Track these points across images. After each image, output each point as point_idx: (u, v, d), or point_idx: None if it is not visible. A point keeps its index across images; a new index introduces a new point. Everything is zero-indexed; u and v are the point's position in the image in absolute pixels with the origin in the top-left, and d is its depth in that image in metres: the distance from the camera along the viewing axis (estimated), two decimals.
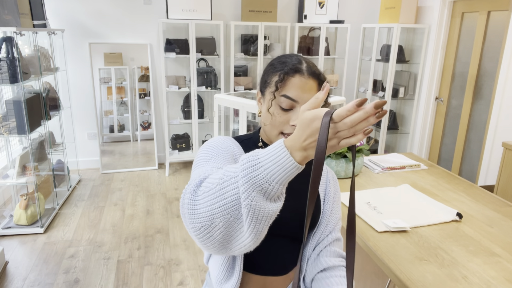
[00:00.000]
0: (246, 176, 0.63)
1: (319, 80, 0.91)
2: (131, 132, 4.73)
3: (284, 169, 0.63)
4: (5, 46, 2.81)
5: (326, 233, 0.98)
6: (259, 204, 0.64)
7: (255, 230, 0.66)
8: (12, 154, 3.43)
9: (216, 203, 0.66)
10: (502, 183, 2.63)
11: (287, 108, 0.88)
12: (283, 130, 0.90)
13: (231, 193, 0.66)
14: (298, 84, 0.87)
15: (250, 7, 4.20)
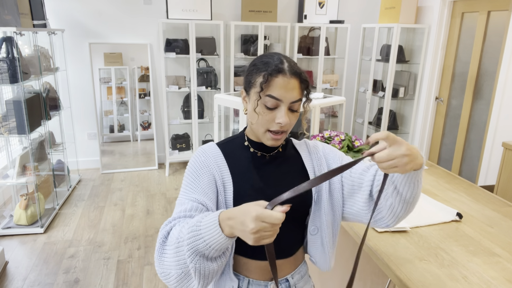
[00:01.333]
0: (190, 245, 0.79)
1: (300, 78, 0.96)
2: (131, 132, 4.73)
3: (217, 241, 0.78)
4: (5, 46, 2.81)
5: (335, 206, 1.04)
6: (203, 265, 0.80)
7: (204, 283, 0.83)
8: (12, 154, 3.43)
9: (172, 258, 0.82)
10: (502, 183, 2.63)
11: (272, 107, 0.94)
12: (269, 128, 0.96)
13: (182, 254, 0.81)
14: (282, 84, 0.93)
15: (250, 7, 4.20)
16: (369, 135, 4.92)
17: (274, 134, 0.97)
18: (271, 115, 0.95)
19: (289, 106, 0.95)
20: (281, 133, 0.97)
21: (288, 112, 0.95)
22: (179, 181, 4.20)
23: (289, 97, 0.94)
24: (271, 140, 0.98)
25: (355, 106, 4.96)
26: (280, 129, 0.96)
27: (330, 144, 1.72)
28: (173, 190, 3.96)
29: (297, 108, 0.97)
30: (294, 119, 0.97)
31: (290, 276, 1.03)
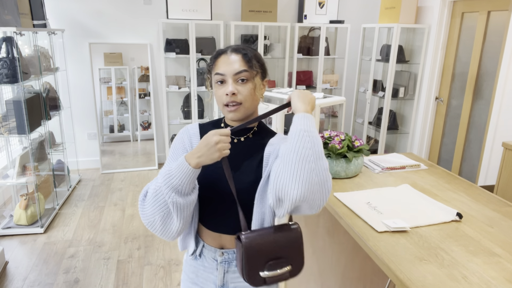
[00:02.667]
0: (166, 185, 0.99)
1: (242, 53, 1.09)
2: (131, 132, 4.73)
3: (186, 174, 0.98)
4: (5, 46, 2.81)
5: None
6: (178, 200, 0.99)
7: (181, 217, 1.03)
8: (12, 154, 3.43)
9: (153, 206, 1.02)
10: (502, 183, 2.63)
11: (221, 82, 1.10)
12: (224, 102, 1.10)
13: (161, 198, 1.01)
14: (223, 61, 1.10)
15: (250, 7, 4.20)
16: (369, 135, 4.92)
17: (228, 107, 1.09)
18: (222, 90, 1.09)
19: (235, 78, 1.08)
20: (235, 105, 1.09)
21: (235, 83, 1.08)
22: None
23: (231, 69, 1.08)
24: (229, 113, 1.10)
25: (355, 106, 4.96)
26: (231, 100, 1.08)
27: (330, 145, 1.72)
28: None
29: (246, 77, 1.08)
30: (244, 90, 1.08)
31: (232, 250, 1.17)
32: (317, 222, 2.07)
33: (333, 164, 1.71)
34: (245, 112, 1.11)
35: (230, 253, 1.16)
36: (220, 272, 1.17)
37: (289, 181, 0.96)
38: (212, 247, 1.17)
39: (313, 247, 2.10)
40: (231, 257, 1.16)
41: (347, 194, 1.57)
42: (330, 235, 2.12)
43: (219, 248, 1.17)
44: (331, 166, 1.72)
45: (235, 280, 1.18)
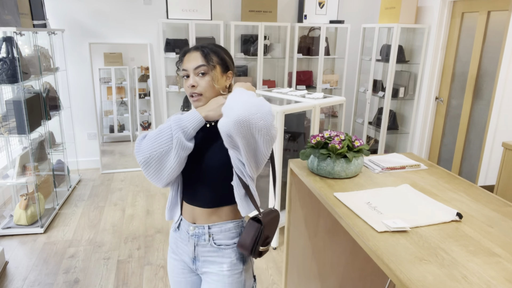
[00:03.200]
0: (176, 124, 1.19)
1: (201, 50, 1.26)
2: (131, 132, 4.73)
3: (195, 120, 1.20)
4: (5, 46, 2.81)
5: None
6: (182, 139, 1.18)
7: (177, 156, 1.19)
8: (12, 154, 3.43)
9: (155, 143, 1.18)
10: (502, 183, 2.63)
11: (186, 76, 1.28)
12: (188, 93, 1.28)
13: (166, 135, 1.18)
14: (186, 58, 1.28)
15: (250, 7, 4.20)
16: (369, 135, 4.92)
17: (192, 97, 1.27)
18: (186, 82, 1.27)
19: (195, 72, 1.25)
20: (196, 95, 1.26)
21: (196, 77, 1.25)
22: None
23: (191, 65, 1.25)
24: (193, 103, 1.28)
25: (355, 106, 4.96)
26: (193, 91, 1.26)
27: (330, 145, 1.72)
28: None
29: (204, 71, 1.24)
30: (203, 82, 1.25)
31: (207, 226, 1.31)
32: (317, 222, 2.07)
33: (333, 164, 1.71)
34: (206, 102, 1.27)
35: (200, 228, 1.31)
36: (191, 244, 1.33)
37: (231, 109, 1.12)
38: (187, 221, 1.34)
39: (313, 247, 2.10)
40: (200, 231, 1.31)
41: (347, 194, 1.57)
42: (330, 235, 2.12)
43: (192, 223, 1.33)
44: (331, 166, 1.72)
45: (205, 254, 1.32)
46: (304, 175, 1.79)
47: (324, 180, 1.72)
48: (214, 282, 1.31)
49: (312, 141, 1.80)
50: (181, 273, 1.40)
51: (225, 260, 1.31)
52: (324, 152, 1.72)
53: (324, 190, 1.62)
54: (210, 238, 1.31)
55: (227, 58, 1.30)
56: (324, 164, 1.72)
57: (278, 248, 2.92)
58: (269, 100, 3.05)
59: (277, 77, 4.82)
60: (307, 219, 2.05)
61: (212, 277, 1.32)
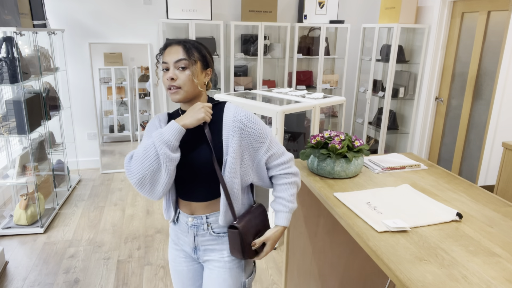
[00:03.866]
0: (158, 139, 1.18)
1: (183, 44, 1.27)
2: (131, 132, 4.73)
3: (175, 131, 1.20)
4: (5, 46, 2.81)
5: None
6: (167, 153, 1.18)
7: (167, 169, 1.20)
8: (12, 154, 3.43)
9: (144, 163, 1.19)
10: (502, 183, 2.63)
11: (166, 69, 1.27)
12: (166, 86, 1.27)
13: (152, 153, 1.19)
14: (167, 52, 1.27)
15: (250, 7, 4.20)
16: (369, 135, 4.92)
17: (170, 89, 1.27)
18: (166, 75, 1.27)
19: (175, 65, 1.25)
20: (175, 88, 1.26)
21: (176, 70, 1.25)
22: None
23: (172, 58, 1.25)
24: (171, 95, 1.28)
25: (355, 106, 4.96)
26: (172, 84, 1.25)
27: (330, 144, 1.72)
28: None
29: (184, 66, 1.24)
30: (182, 76, 1.25)
31: (205, 216, 1.35)
32: (317, 222, 2.07)
33: (333, 164, 1.71)
34: (185, 95, 1.28)
35: (198, 219, 1.35)
36: (191, 234, 1.37)
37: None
38: (185, 214, 1.37)
39: (313, 247, 2.10)
40: (199, 222, 1.35)
41: (347, 194, 1.57)
42: (330, 235, 2.12)
43: (190, 214, 1.36)
44: (331, 166, 1.72)
45: (205, 243, 1.37)
46: (304, 175, 1.79)
47: (324, 180, 1.72)
48: (216, 268, 1.36)
49: (312, 141, 1.80)
50: (183, 262, 1.45)
51: (225, 247, 1.36)
52: (324, 152, 1.72)
53: (324, 190, 1.62)
54: (209, 227, 1.35)
55: (208, 55, 1.31)
56: (324, 164, 1.72)
57: (278, 248, 2.92)
58: (269, 100, 3.05)
59: (277, 77, 4.82)
60: (307, 219, 2.05)
61: (214, 264, 1.37)
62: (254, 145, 1.31)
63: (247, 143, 1.29)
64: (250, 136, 1.29)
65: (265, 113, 2.69)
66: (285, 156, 1.37)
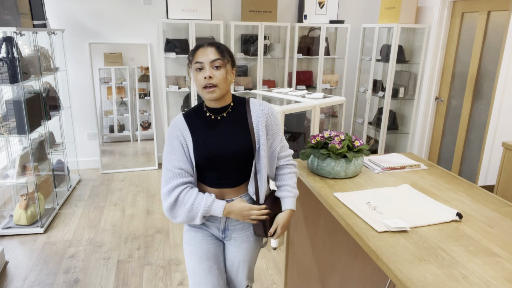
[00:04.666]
0: (205, 210, 1.40)
1: (216, 46, 1.39)
2: (131, 132, 4.73)
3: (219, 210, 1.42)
4: (5, 46, 2.81)
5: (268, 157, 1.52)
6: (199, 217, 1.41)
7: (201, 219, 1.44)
8: (12, 154, 3.43)
9: (188, 216, 1.41)
10: (502, 183, 2.63)
11: (200, 69, 1.37)
12: (202, 85, 1.37)
13: (193, 214, 1.41)
14: (201, 52, 1.38)
15: (250, 7, 4.20)
16: (369, 135, 4.92)
17: (206, 88, 1.37)
18: (200, 75, 1.37)
19: (211, 64, 1.36)
20: (211, 87, 1.37)
21: (211, 69, 1.36)
22: None
23: (207, 58, 1.36)
24: (207, 94, 1.38)
25: (355, 106, 4.96)
26: (208, 82, 1.35)
27: (330, 144, 1.72)
28: None
29: (219, 65, 1.36)
30: (219, 74, 1.37)
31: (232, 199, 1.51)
32: (317, 222, 2.07)
33: (333, 164, 1.71)
34: (220, 93, 1.39)
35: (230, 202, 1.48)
36: (224, 218, 1.51)
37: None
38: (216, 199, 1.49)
39: (313, 247, 2.10)
40: None
41: (347, 194, 1.57)
42: (330, 235, 2.12)
43: (221, 199, 1.48)
44: (331, 166, 1.72)
45: (234, 222, 1.54)
46: (304, 175, 1.79)
47: (324, 180, 1.72)
48: (244, 242, 1.56)
49: (312, 141, 1.80)
50: (210, 242, 1.56)
51: (250, 225, 1.56)
52: (324, 152, 1.72)
53: (324, 190, 1.62)
54: None
55: (233, 56, 1.47)
56: (324, 164, 1.72)
57: (278, 248, 2.92)
58: (269, 100, 3.05)
59: (277, 77, 4.82)
60: (307, 219, 2.05)
61: (241, 240, 1.56)
62: (272, 135, 1.49)
63: (269, 132, 1.48)
64: (272, 127, 1.48)
65: None
66: (289, 150, 1.59)
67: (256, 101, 1.50)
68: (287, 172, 1.55)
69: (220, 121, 1.46)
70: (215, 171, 1.45)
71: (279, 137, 1.53)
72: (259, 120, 1.45)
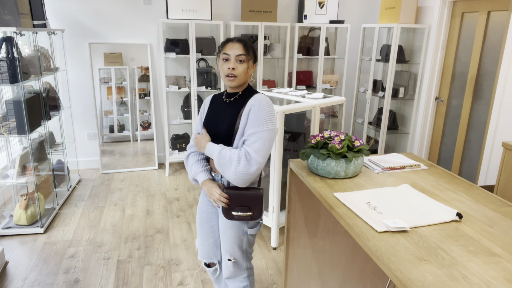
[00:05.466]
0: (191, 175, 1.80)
1: (243, 43, 1.64)
2: (131, 132, 4.73)
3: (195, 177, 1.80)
4: (5, 46, 2.81)
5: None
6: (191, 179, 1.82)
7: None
8: (12, 154, 3.43)
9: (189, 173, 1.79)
10: (502, 183, 2.63)
11: (226, 60, 1.64)
12: (225, 73, 1.64)
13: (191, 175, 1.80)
14: (230, 46, 1.64)
15: (250, 7, 4.20)
16: (369, 135, 4.92)
17: (228, 77, 1.64)
18: (226, 65, 1.64)
19: (235, 58, 1.61)
20: (232, 76, 1.63)
21: (236, 62, 1.62)
22: (179, 181, 4.20)
23: (234, 52, 1.62)
24: (228, 81, 1.65)
25: (355, 106, 4.96)
26: (231, 72, 1.62)
27: (330, 145, 1.72)
28: (173, 190, 3.96)
29: (242, 60, 1.62)
30: (241, 67, 1.63)
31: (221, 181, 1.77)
32: (317, 222, 2.07)
33: (333, 164, 1.71)
34: (238, 83, 1.66)
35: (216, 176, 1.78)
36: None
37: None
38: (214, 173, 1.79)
39: (313, 247, 2.10)
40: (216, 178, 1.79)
41: (347, 194, 1.57)
42: (330, 235, 2.11)
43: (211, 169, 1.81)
44: (331, 166, 1.72)
45: None
46: (304, 175, 1.79)
47: (324, 180, 1.72)
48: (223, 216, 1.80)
49: (312, 141, 1.80)
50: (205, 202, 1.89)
51: None
52: (324, 152, 1.72)
53: (324, 190, 1.62)
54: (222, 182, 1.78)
55: (257, 53, 1.70)
56: (324, 164, 1.72)
57: (278, 248, 2.92)
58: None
59: (277, 77, 4.82)
60: (307, 219, 2.05)
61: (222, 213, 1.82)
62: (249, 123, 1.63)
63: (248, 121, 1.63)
64: (251, 116, 1.62)
65: None
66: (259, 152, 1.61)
67: (260, 94, 1.67)
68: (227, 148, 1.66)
69: (226, 104, 1.72)
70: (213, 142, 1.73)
71: (254, 131, 1.60)
72: (246, 109, 1.65)
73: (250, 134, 1.60)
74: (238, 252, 1.81)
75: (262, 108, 1.61)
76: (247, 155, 1.58)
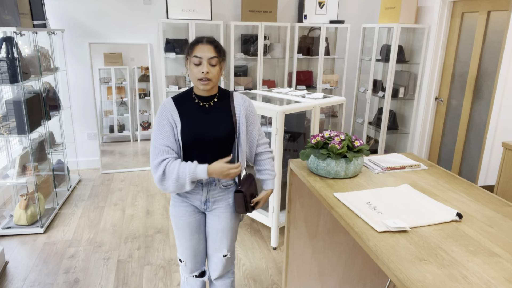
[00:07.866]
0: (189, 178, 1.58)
1: (213, 44, 1.59)
2: (131, 132, 4.73)
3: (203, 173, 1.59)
4: (5, 46, 2.81)
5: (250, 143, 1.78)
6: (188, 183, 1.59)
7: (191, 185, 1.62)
8: (12, 154, 3.43)
9: (177, 185, 1.59)
10: (502, 183, 2.63)
11: (198, 63, 1.56)
12: (198, 77, 1.57)
13: (182, 181, 1.59)
14: (201, 48, 1.57)
15: (250, 7, 4.20)
16: (369, 135, 4.92)
17: (201, 81, 1.57)
18: (198, 68, 1.56)
19: (208, 61, 1.56)
20: (206, 80, 1.57)
21: (208, 66, 1.56)
22: None
23: (206, 55, 1.56)
24: (201, 85, 1.58)
25: (355, 106, 4.96)
26: (205, 76, 1.55)
27: (330, 145, 1.72)
28: None
29: (215, 63, 1.57)
30: (214, 70, 1.58)
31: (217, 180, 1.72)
32: (317, 222, 2.07)
33: (333, 164, 1.71)
34: (212, 85, 1.62)
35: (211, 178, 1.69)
36: (205, 191, 1.72)
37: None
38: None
39: (313, 247, 2.10)
40: (211, 179, 1.71)
41: (347, 194, 1.57)
42: (330, 235, 2.12)
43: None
44: (331, 166, 1.71)
45: (215, 195, 1.74)
46: (304, 175, 1.79)
47: (324, 180, 1.72)
48: (224, 212, 1.76)
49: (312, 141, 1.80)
50: (192, 215, 1.76)
51: (230, 195, 1.77)
52: (324, 152, 1.72)
53: (324, 190, 1.62)
54: (220, 182, 1.73)
55: (225, 52, 1.68)
56: (324, 164, 1.72)
57: (278, 248, 2.92)
58: (269, 100, 3.05)
59: (277, 77, 4.82)
60: (307, 219, 2.05)
61: (221, 210, 1.76)
62: (251, 124, 1.74)
63: (248, 122, 1.71)
64: (251, 117, 1.72)
65: (265, 113, 2.69)
66: (266, 138, 1.85)
67: (238, 94, 1.73)
68: (266, 158, 1.81)
69: (208, 108, 1.66)
70: (199, 152, 1.65)
71: (257, 127, 1.77)
72: (240, 111, 1.69)
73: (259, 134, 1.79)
74: (234, 244, 1.86)
75: (253, 106, 1.77)
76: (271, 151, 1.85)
